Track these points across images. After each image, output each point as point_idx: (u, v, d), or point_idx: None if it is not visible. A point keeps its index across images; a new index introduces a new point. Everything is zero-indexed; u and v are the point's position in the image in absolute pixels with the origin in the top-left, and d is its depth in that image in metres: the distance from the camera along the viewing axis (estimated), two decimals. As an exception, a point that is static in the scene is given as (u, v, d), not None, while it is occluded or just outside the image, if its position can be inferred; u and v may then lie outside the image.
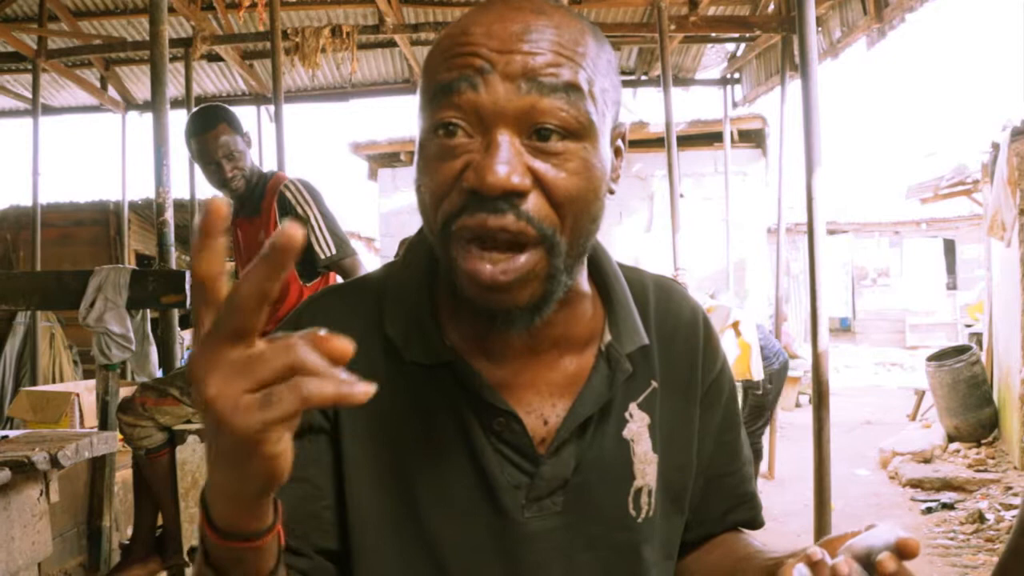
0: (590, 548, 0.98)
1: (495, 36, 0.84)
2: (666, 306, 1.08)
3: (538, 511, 0.96)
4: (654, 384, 1.03)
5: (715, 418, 1.10)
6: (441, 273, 0.98)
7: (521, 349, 0.97)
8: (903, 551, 0.78)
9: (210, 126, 3.47)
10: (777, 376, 6.09)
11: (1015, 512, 5.46)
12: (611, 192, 0.92)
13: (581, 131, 0.85)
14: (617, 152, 0.95)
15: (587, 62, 0.86)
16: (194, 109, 3.76)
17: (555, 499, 0.96)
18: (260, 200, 3.56)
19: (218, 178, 3.53)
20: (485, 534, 0.95)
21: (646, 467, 1.00)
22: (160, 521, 3.60)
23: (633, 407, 1.01)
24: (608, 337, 1.00)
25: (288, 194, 3.49)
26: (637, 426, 1.00)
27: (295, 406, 0.57)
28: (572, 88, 0.84)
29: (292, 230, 0.56)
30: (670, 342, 1.06)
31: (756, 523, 1.17)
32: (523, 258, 0.85)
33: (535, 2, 0.88)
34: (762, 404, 6.12)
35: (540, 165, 0.84)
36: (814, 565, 0.80)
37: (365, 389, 0.57)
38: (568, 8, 0.91)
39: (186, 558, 3.43)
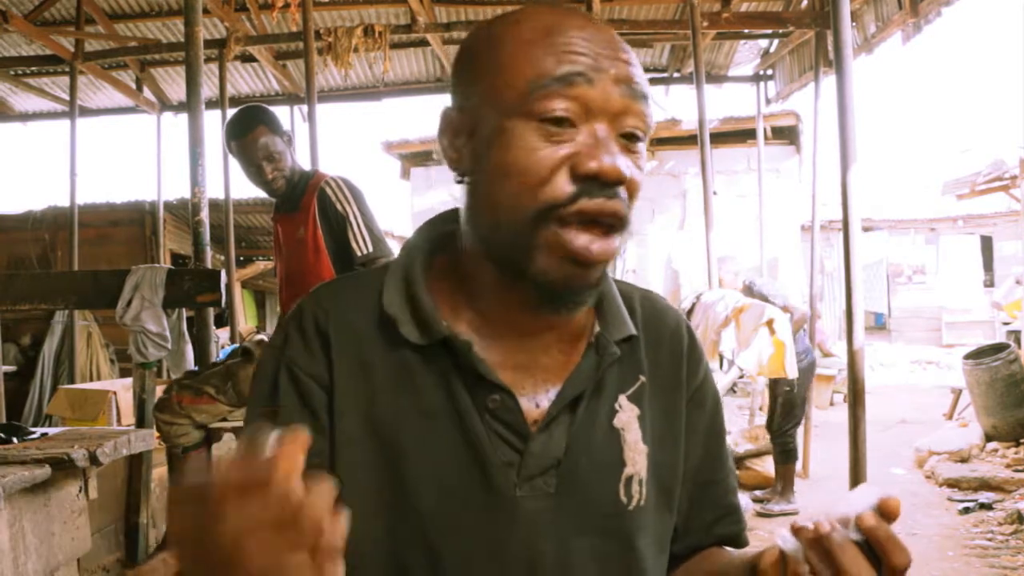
0: (582, 533, 0.99)
1: (596, 42, 0.93)
2: (652, 312, 1.14)
3: (530, 490, 0.97)
4: (642, 379, 1.07)
5: (701, 421, 1.13)
6: (452, 254, 1.03)
7: (520, 332, 1.01)
8: (884, 511, 0.82)
9: (249, 129, 3.50)
10: (804, 374, 6.06)
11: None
12: None
13: (647, 136, 0.96)
14: None
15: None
16: (233, 111, 3.78)
17: (547, 479, 0.98)
18: (301, 197, 3.59)
19: (259, 179, 3.56)
20: (477, 512, 0.96)
21: (636, 456, 1.03)
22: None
23: (623, 399, 1.04)
24: (597, 328, 1.04)
25: (328, 191, 3.51)
26: (627, 416, 1.03)
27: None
28: (649, 99, 0.95)
29: None
30: (657, 345, 1.11)
31: (741, 540, 1.17)
32: (616, 240, 0.94)
33: (598, 21, 0.98)
34: (792, 401, 6.09)
35: (627, 161, 0.93)
36: (797, 531, 0.84)
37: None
38: None
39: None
